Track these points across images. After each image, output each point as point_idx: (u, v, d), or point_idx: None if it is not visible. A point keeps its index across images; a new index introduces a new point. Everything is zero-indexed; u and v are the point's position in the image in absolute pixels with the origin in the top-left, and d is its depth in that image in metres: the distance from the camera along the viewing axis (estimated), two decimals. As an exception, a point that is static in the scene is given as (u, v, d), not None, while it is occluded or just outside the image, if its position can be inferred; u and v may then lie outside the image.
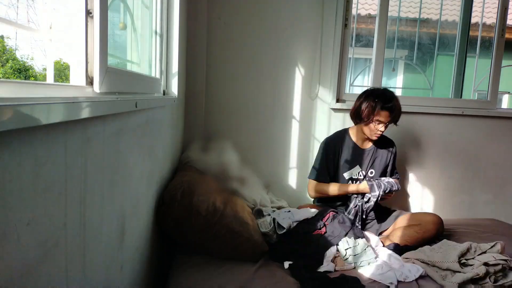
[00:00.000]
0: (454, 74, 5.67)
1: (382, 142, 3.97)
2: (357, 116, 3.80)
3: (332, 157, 3.90)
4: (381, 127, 3.69)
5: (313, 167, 4.00)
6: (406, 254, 3.24)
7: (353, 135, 3.97)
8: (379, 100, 3.65)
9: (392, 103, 3.63)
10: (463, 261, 3.03)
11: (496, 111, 4.88)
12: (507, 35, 4.88)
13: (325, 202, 3.98)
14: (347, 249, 3.13)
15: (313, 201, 4.16)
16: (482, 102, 4.96)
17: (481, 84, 5.60)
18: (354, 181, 3.90)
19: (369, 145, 3.96)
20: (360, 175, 3.92)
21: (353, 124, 3.98)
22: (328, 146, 3.94)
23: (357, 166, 3.91)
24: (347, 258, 3.09)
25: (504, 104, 10.04)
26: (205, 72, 4.33)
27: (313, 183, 3.94)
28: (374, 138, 3.79)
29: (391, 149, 4.03)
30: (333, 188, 3.83)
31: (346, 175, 3.89)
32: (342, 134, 4.02)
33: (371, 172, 3.96)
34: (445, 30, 8.22)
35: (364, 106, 3.72)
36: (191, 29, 4.22)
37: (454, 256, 3.02)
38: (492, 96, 4.92)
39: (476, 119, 4.81)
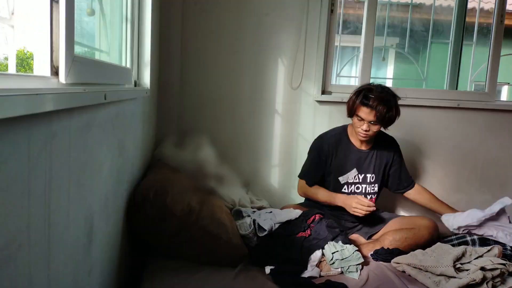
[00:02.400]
0: (449, 64, 5.68)
1: (383, 142, 3.94)
2: (347, 110, 3.79)
3: (325, 160, 3.86)
4: (363, 126, 3.62)
5: (305, 166, 4.02)
6: (397, 259, 3.22)
7: (350, 133, 3.93)
8: (360, 94, 3.62)
9: (371, 100, 3.54)
10: (458, 265, 3.00)
11: (494, 103, 4.88)
12: (506, 21, 4.87)
13: (313, 203, 3.96)
14: (334, 252, 3.11)
15: (303, 201, 4.16)
16: (480, 94, 4.98)
17: (479, 74, 5.62)
18: (350, 186, 3.88)
19: (368, 146, 3.90)
20: (357, 179, 3.88)
21: (343, 120, 3.97)
22: (321, 148, 3.89)
23: (354, 170, 3.86)
24: (333, 263, 3.08)
25: (503, 96, 10.06)
26: (180, 62, 4.33)
27: (302, 183, 3.99)
28: (361, 138, 3.74)
29: (392, 149, 3.99)
30: (322, 195, 3.84)
31: (341, 179, 3.85)
32: (338, 133, 3.96)
33: (372, 177, 3.90)
34: (440, 16, 8.24)
35: (348, 100, 3.74)
36: (165, 15, 4.20)
37: (448, 260, 2.99)
38: (490, 88, 4.94)
39: (473, 113, 4.82)
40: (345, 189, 3.87)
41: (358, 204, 3.53)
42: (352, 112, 3.69)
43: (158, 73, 4.15)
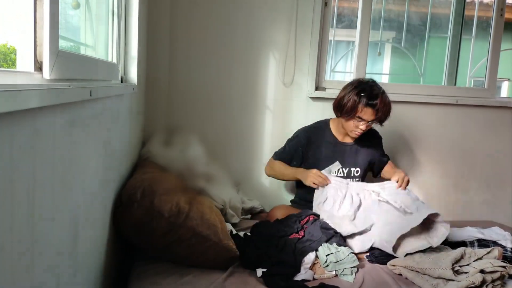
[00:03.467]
0: (447, 59, 5.68)
1: (366, 134, 3.90)
2: (339, 108, 3.78)
3: (301, 150, 3.92)
4: (362, 126, 3.68)
5: (281, 148, 4.11)
6: (394, 261, 3.21)
7: (333, 127, 3.97)
8: (364, 95, 3.61)
9: (378, 100, 3.59)
10: (457, 268, 2.99)
11: (494, 100, 4.90)
12: (506, 15, 4.86)
13: (304, 202, 3.96)
14: (328, 255, 3.12)
15: (294, 198, 4.19)
16: (479, 90, 5.01)
17: (478, 70, 5.65)
18: None
19: (350, 139, 3.95)
20: (341, 173, 3.89)
21: (334, 116, 3.96)
22: (302, 135, 3.97)
23: (337, 163, 3.87)
24: (327, 265, 3.08)
25: (504, 92, 10.05)
26: (168, 57, 4.33)
27: (271, 161, 4.13)
28: (353, 136, 3.81)
29: (375, 140, 4.06)
30: (287, 171, 3.98)
31: (324, 172, 3.81)
32: (321, 126, 4.02)
33: (357, 172, 3.94)
34: (438, 9, 8.23)
35: (347, 99, 3.69)
36: (153, 8, 4.20)
37: (447, 262, 2.97)
38: (490, 84, 4.95)
39: (472, 109, 4.84)
40: None
41: (316, 175, 3.68)
42: (352, 113, 3.67)
43: (145, 68, 4.13)
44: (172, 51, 4.36)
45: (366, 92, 3.62)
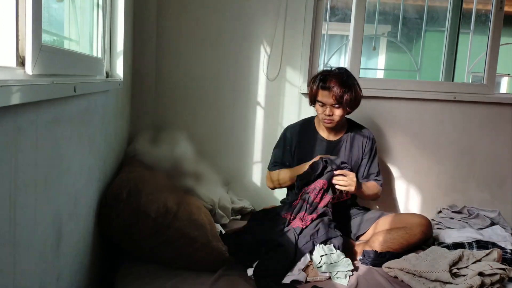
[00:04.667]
0: (444, 54, 5.69)
1: (355, 131, 3.94)
2: (309, 97, 3.90)
3: (289, 148, 3.93)
4: (327, 111, 3.69)
5: (272, 157, 4.09)
6: (389, 263, 3.21)
7: (317, 124, 3.98)
8: (317, 78, 3.72)
9: (330, 82, 3.63)
10: (455, 270, 2.99)
11: (493, 96, 4.88)
12: (506, 8, 4.83)
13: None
14: (323, 255, 3.13)
15: (282, 201, 4.12)
16: (478, 86, 4.99)
17: (476, 65, 5.66)
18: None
19: (338, 136, 3.93)
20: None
21: None
22: (285, 135, 4.00)
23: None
24: (320, 266, 3.09)
25: (503, 88, 10.07)
26: (155, 51, 4.32)
27: (268, 173, 4.06)
28: (326, 124, 3.79)
29: (365, 139, 3.97)
30: (287, 173, 3.88)
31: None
32: (305, 123, 4.05)
33: (345, 167, 3.82)
34: (435, 1, 8.26)
35: (310, 86, 3.84)
36: (139, 1, 4.18)
37: (444, 265, 2.98)
38: (489, 79, 4.92)
39: (470, 106, 4.82)
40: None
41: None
42: (313, 98, 3.77)
43: (131, 63, 4.12)
44: (159, 46, 4.34)
45: (319, 75, 3.73)
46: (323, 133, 3.93)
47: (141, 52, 4.24)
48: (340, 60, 8.33)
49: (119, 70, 3.46)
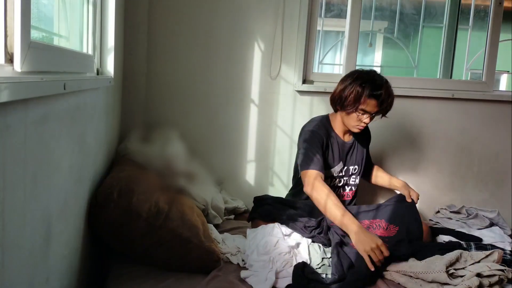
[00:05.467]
0: (442, 50, 5.70)
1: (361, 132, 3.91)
2: (339, 102, 3.67)
3: (324, 148, 3.71)
4: (365, 119, 3.59)
5: (305, 155, 3.62)
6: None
7: (334, 125, 3.86)
8: (367, 86, 3.52)
9: (382, 90, 3.51)
10: (452, 271, 2.97)
11: (492, 93, 4.87)
12: (505, 3, 4.81)
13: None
14: (324, 258, 3.16)
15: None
16: (476, 83, 4.99)
17: (475, 62, 5.65)
18: (334, 179, 3.86)
19: (349, 137, 3.90)
20: (341, 173, 3.86)
21: (327, 112, 3.93)
22: (319, 135, 3.69)
23: (340, 163, 3.85)
24: (319, 267, 3.11)
25: (502, 85, 10.08)
26: (146, 48, 4.32)
27: (312, 175, 3.51)
28: (356, 130, 3.70)
29: (366, 136, 4.05)
30: (335, 210, 3.29)
31: (328, 173, 3.80)
32: (324, 124, 3.83)
33: (355, 169, 3.93)
34: (433, -3, 8.29)
35: (348, 91, 3.57)
36: (130, -4, 4.18)
37: (441, 265, 2.96)
38: (488, 76, 4.92)
39: (469, 104, 4.82)
40: (328, 182, 3.78)
41: (377, 250, 3.05)
42: (355, 105, 3.56)
43: (123, 60, 4.13)
44: (151, 42, 4.34)
45: (369, 83, 3.54)
46: (340, 134, 3.86)
47: (132, 49, 4.25)
48: (336, 56, 8.32)
49: (109, 67, 3.46)
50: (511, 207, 4.86)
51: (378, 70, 8.82)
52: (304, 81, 4.59)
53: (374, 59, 9.55)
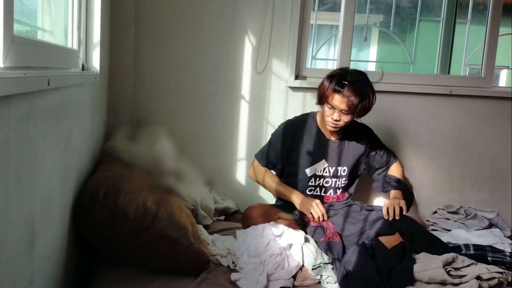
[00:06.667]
0: (440, 45, 5.70)
1: (354, 131, 3.93)
2: (317, 96, 3.80)
3: (289, 147, 3.87)
4: (335, 115, 3.63)
5: (264, 147, 4.06)
6: None
7: (319, 121, 3.92)
8: (333, 80, 3.62)
9: (346, 88, 3.55)
10: (449, 269, 2.98)
11: (492, 90, 4.84)
12: None
13: (288, 204, 3.90)
14: (316, 258, 3.17)
15: (275, 202, 4.16)
16: (475, 79, 4.98)
17: (474, 57, 5.68)
18: (318, 179, 3.88)
19: (339, 135, 3.90)
20: (326, 172, 3.87)
21: (320, 108, 3.90)
22: (285, 133, 3.90)
23: (323, 161, 3.86)
24: (315, 268, 3.12)
25: (502, 81, 10.08)
26: (133, 42, 4.31)
27: (257, 163, 4.06)
28: (330, 128, 3.74)
29: (364, 137, 3.99)
30: (278, 187, 3.93)
31: (308, 171, 3.85)
32: (305, 119, 3.98)
33: (344, 170, 3.91)
34: (430, -10, 8.30)
35: (320, 84, 3.75)
36: (117, -12, 4.17)
37: (438, 263, 2.98)
38: (487, 72, 4.89)
39: (467, 100, 4.78)
40: (312, 182, 3.89)
41: (317, 207, 3.67)
42: (323, 99, 3.69)
43: (109, 55, 4.12)
44: (138, 37, 4.33)
45: (336, 78, 3.63)
46: (326, 132, 3.90)
47: (119, 44, 4.23)
48: (330, 51, 8.33)
49: (95, 62, 3.45)
50: (511, 207, 4.83)
51: (373, 65, 8.88)
52: (296, 77, 4.57)
53: (369, 54, 9.55)
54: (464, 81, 4.92)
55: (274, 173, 4.04)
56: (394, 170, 4.07)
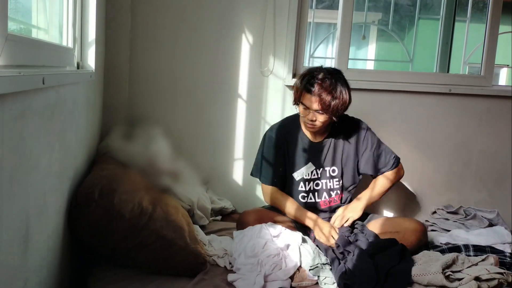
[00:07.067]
0: (439, 43, 5.71)
1: (343, 128, 3.84)
2: (293, 96, 3.77)
3: (282, 152, 3.83)
4: (308, 115, 3.59)
5: (261, 163, 3.92)
6: None
7: (303, 123, 3.85)
8: (303, 79, 3.59)
9: (316, 86, 3.50)
10: (449, 273, 2.97)
11: (491, 88, 4.82)
12: None
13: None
14: (314, 259, 3.17)
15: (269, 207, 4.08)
16: (474, 77, 4.97)
17: (473, 55, 5.68)
18: (308, 183, 3.85)
19: (323, 135, 3.85)
20: (314, 175, 3.84)
21: None
22: (277, 137, 3.84)
23: (309, 164, 3.83)
24: (312, 269, 3.12)
25: (502, 80, 10.09)
26: (129, 41, 4.31)
27: (267, 188, 3.90)
28: (308, 129, 3.73)
29: (355, 133, 3.89)
30: (290, 209, 3.79)
31: (296, 175, 3.82)
32: (288, 123, 3.93)
33: (333, 171, 3.86)
34: (429, -12, 8.30)
35: (294, 83, 3.75)
36: (112, -14, 4.17)
37: (437, 267, 2.96)
38: (487, 70, 4.88)
39: (467, 99, 4.77)
40: (302, 187, 3.84)
41: (329, 233, 3.61)
42: (296, 99, 3.67)
43: (104, 53, 4.11)
44: (134, 35, 4.33)
45: (307, 77, 3.59)
46: (308, 134, 3.85)
47: (114, 42, 4.23)
48: (327, 50, 8.33)
49: (90, 60, 3.45)
50: (511, 207, 4.83)
51: (371, 63, 8.88)
52: (294, 76, 4.55)
53: (368, 52, 9.54)
54: (464, 80, 4.91)
55: None
56: (378, 184, 3.96)
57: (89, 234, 2.87)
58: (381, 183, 3.90)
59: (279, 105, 4.56)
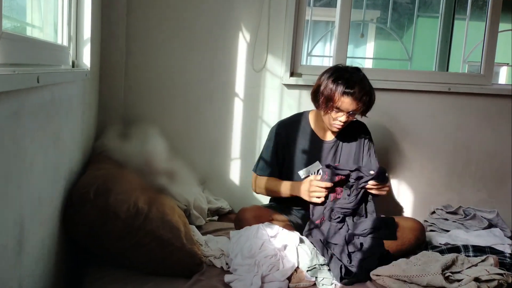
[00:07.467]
0: (438, 41, 5.71)
1: (350, 129, 3.84)
2: (316, 99, 3.69)
3: (282, 148, 3.82)
4: (342, 117, 3.56)
5: (260, 157, 3.94)
6: (377, 270, 3.18)
7: (312, 121, 3.87)
8: (340, 83, 3.51)
9: (356, 89, 3.48)
10: (448, 274, 2.97)
11: (491, 87, 4.83)
12: None
13: (284, 205, 3.91)
14: (312, 259, 3.16)
15: (269, 201, 4.13)
16: (474, 76, 4.98)
17: (473, 53, 5.67)
18: None
19: (332, 136, 3.85)
20: (320, 173, 3.78)
21: (313, 106, 3.87)
22: (279, 132, 3.84)
23: (317, 163, 3.82)
24: (310, 269, 3.11)
25: (502, 78, 10.08)
26: (125, 39, 4.31)
27: (256, 177, 3.94)
28: (334, 129, 3.69)
29: (362, 136, 3.93)
30: (284, 187, 3.77)
31: (301, 173, 3.82)
32: (298, 119, 3.92)
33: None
34: (428, -15, 8.30)
35: (323, 88, 3.60)
36: (108, -17, 4.16)
37: (436, 267, 2.96)
38: (487, 69, 4.87)
39: (466, 98, 4.77)
40: None
41: (315, 186, 3.53)
42: (329, 103, 3.55)
43: (99, 52, 4.11)
44: (129, 33, 4.32)
45: (343, 79, 3.52)
46: (319, 133, 3.85)
47: (110, 41, 4.22)
48: (325, 48, 8.33)
49: (86, 59, 3.45)
50: (511, 208, 4.83)
51: (370, 62, 8.87)
52: (291, 74, 4.57)
53: (366, 51, 9.53)
54: (463, 78, 4.91)
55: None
56: None
57: (85, 234, 2.87)
58: None
59: (276, 103, 4.56)
